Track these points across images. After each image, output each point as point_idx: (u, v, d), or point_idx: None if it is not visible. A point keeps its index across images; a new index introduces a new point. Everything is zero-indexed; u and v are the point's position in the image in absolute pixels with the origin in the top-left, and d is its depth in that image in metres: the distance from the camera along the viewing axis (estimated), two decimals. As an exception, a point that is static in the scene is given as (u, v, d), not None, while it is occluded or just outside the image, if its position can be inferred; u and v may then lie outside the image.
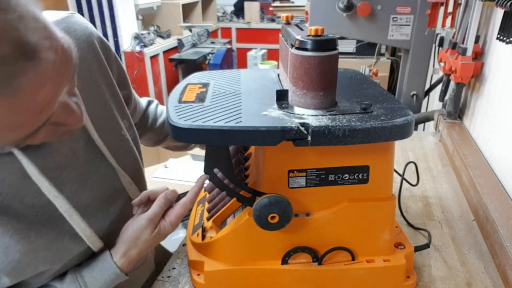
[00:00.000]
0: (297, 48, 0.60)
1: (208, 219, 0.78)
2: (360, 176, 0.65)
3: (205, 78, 0.82)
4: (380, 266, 0.69)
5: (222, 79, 0.81)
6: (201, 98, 0.69)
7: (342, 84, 0.75)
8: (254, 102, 0.67)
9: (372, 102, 0.64)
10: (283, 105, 0.64)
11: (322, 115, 0.60)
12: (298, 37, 0.59)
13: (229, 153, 0.63)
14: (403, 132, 0.59)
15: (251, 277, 0.71)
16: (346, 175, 0.64)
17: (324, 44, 0.58)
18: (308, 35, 0.59)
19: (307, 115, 0.60)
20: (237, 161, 0.79)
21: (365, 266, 0.69)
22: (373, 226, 0.69)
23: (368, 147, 0.62)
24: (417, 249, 0.77)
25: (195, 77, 0.83)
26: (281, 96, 0.65)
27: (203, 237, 0.75)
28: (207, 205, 0.82)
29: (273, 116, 0.60)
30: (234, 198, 0.67)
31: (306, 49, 0.58)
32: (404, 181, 0.93)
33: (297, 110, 0.62)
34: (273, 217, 0.63)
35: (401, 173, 0.93)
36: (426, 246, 0.79)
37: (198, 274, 0.73)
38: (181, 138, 0.59)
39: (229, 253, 0.71)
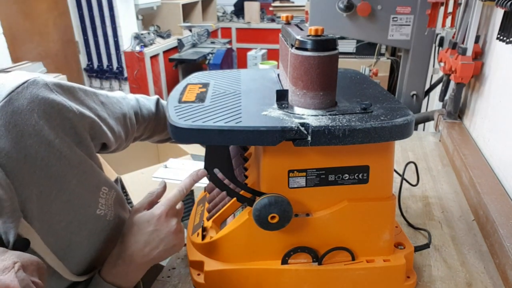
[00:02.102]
0: (297, 48, 0.60)
1: (208, 219, 0.78)
2: (360, 176, 0.65)
3: (205, 78, 0.82)
4: (380, 266, 0.69)
5: (222, 79, 0.81)
6: (201, 98, 0.69)
7: (342, 84, 0.75)
8: (254, 102, 0.67)
9: (372, 102, 0.64)
10: (283, 105, 0.64)
11: (322, 115, 0.60)
12: (298, 37, 0.59)
13: (229, 153, 0.63)
14: (403, 132, 0.59)
15: (251, 277, 0.71)
16: (346, 175, 0.64)
17: (324, 44, 0.58)
18: (308, 35, 0.59)
19: (307, 115, 0.60)
20: (237, 161, 0.79)
21: (365, 266, 0.69)
22: (373, 226, 0.68)
23: (368, 147, 0.62)
24: (417, 249, 0.77)
25: (195, 77, 0.83)
26: (281, 96, 0.65)
27: (203, 237, 0.75)
28: (207, 205, 0.82)
29: (273, 116, 0.60)
30: (234, 198, 0.67)
31: (306, 49, 0.58)
32: (404, 181, 0.93)
33: (297, 110, 0.62)
34: (273, 217, 0.63)
35: (401, 173, 0.93)
36: (426, 246, 0.79)
37: (198, 274, 0.73)
38: (181, 138, 0.59)
39: (229, 253, 0.71)
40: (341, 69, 0.83)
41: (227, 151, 0.63)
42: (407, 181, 0.98)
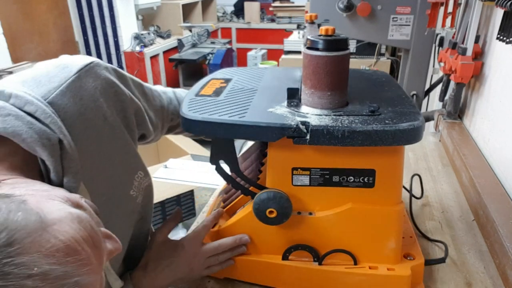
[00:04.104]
0: (308, 48, 0.60)
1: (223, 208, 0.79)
2: (365, 179, 0.63)
3: (230, 74, 0.84)
4: (382, 274, 0.67)
5: (246, 75, 0.82)
6: (218, 92, 0.71)
7: (361, 85, 0.75)
8: (266, 99, 0.68)
9: (386, 105, 0.63)
10: (292, 103, 0.64)
11: (326, 115, 0.60)
12: (309, 37, 0.60)
13: (233, 146, 0.65)
14: (408, 137, 0.57)
15: (252, 269, 0.72)
16: (351, 177, 0.64)
17: (333, 44, 0.58)
18: (319, 35, 0.60)
19: (311, 114, 0.61)
20: (256, 156, 0.79)
21: (367, 272, 0.68)
22: (378, 232, 0.67)
23: (374, 151, 0.61)
24: (431, 262, 0.75)
25: (221, 73, 0.85)
26: (292, 95, 0.65)
27: (214, 225, 0.76)
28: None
29: (277, 113, 0.61)
30: (245, 191, 0.68)
31: (316, 49, 0.59)
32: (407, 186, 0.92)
33: (304, 108, 0.63)
34: (271, 212, 0.63)
35: (407, 187, 0.92)
36: (442, 260, 0.75)
37: None
38: (189, 128, 0.62)
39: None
40: (370, 71, 0.84)
41: (231, 144, 0.65)
42: (412, 195, 0.95)
